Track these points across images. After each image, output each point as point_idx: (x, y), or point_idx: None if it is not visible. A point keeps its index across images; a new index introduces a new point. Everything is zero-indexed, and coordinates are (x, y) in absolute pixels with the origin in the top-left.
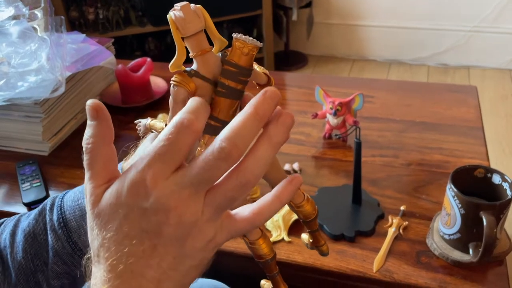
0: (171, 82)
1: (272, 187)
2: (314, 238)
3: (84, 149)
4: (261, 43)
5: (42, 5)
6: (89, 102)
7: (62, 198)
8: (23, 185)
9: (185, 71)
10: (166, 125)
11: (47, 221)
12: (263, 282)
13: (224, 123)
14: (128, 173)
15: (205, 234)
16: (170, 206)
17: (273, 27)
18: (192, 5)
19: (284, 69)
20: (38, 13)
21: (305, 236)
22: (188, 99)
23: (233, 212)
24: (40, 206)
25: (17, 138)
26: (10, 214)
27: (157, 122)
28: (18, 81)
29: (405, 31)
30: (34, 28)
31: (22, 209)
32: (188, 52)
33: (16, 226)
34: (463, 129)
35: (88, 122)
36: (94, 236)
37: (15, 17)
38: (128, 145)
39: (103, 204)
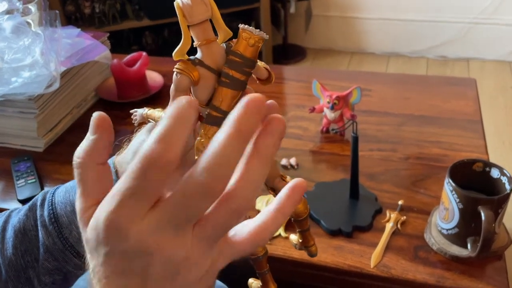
0: (174, 69)
1: (266, 184)
2: (304, 238)
3: (74, 163)
4: (267, 35)
5: None
6: (95, 114)
7: (53, 193)
8: (18, 182)
9: (189, 59)
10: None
11: (38, 217)
12: (251, 281)
13: (226, 114)
14: (101, 209)
15: (200, 266)
16: (152, 248)
17: (271, 20)
18: None
19: (283, 63)
20: (32, 7)
21: (294, 237)
22: (190, 88)
23: (231, 233)
24: (31, 202)
25: (12, 134)
26: (4, 211)
27: (155, 111)
28: (12, 77)
29: (404, 24)
30: (28, 23)
31: (17, 206)
32: (193, 41)
33: (6, 222)
34: (462, 122)
35: (88, 134)
36: (86, 254)
37: (8, 12)
38: (121, 139)
39: (88, 234)
